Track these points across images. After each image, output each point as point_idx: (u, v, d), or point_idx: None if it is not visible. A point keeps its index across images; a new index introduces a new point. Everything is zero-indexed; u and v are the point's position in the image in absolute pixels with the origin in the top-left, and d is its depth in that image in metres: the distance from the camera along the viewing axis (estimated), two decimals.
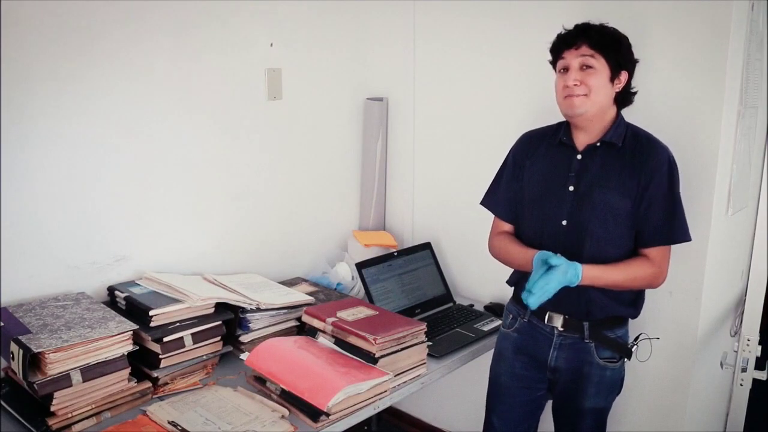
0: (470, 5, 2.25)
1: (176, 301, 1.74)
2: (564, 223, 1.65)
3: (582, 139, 1.67)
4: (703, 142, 1.79)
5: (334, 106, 2.46)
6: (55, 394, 1.44)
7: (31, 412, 1.48)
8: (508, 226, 1.82)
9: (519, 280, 1.77)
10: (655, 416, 1.99)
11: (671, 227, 1.61)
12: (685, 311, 1.89)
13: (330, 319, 1.79)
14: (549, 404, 1.84)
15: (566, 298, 1.59)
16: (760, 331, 1.97)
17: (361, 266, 2.19)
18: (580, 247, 1.63)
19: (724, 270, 2.00)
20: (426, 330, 1.80)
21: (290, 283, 2.22)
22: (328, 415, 1.52)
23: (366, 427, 2.57)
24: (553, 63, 1.67)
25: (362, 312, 1.86)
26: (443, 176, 2.47)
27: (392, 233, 2.60)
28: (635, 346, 1.72)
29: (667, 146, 1.63)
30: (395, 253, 2.31)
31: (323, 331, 1.81)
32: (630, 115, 1.90)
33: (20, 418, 1.48)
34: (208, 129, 2.08)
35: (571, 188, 1.64)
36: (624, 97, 1.67)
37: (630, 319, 1.73)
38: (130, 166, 1.91)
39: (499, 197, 1.82)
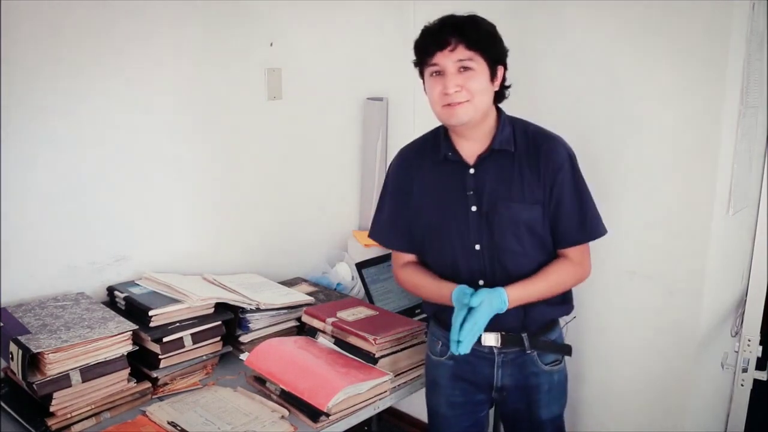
0: (470, 5, 2.24)
1: (176, 301, 1.74)
2: (477, 247, 1.50)
3: (468, 150, 1.51)
4: (704, 142, 1.79)
5: (334, 106, 2.46)
6: (55, 395, 1.44)
7: (30, 413, 1.47)
8: (410, 256, 1.64)
9: (438, 309, 1.60)
10: (655, 416, 1.99)
11: (584, 224, 1.51)
12: (685, 311, 1.89)
13: (330, 319, 1.79)
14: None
15: (499, 316, 1.48)
16: (761, 332, 1.96)
17: (361, 266, 2.19)
18: (501, 268, 1.50)
19: (725, 270, 2.00)
20: (426, 330, 1.80)
21: (290, 283, 2.22)
22: (328, 415, 1.52)
23: (366, 427, 2.57)
24: (419, 63, 1.48)
25: (362, 312, 1.86)
26: None
27: None
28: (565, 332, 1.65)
29: (560, 137, 1.52)
30: None
31: (323, 331, 1.81)
32: (630, 114, 1.90)
33: (20, 419, 1.48)
34: (208, 129, 2.07)
35: (473, 208, 1.49)
36: (500, 93, 1.51)
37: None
38: (130, 165, 1.91)
39: (391, 228, 1.63)
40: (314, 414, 1.53)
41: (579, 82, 1.99)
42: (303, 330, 1.89)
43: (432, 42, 1.43)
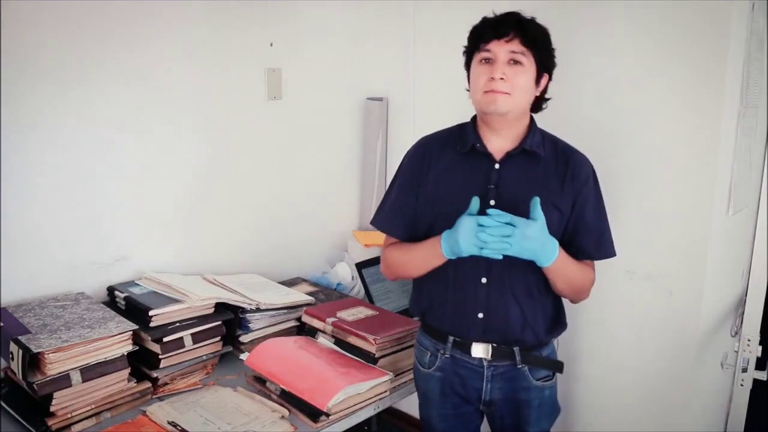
0: (470, 5, 2.24)
1: (176, 301, 1.74)
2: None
3: (497, 145, 1.49)
4: (703, 142, 1.79)
5: (334, 106, 2.46)
6: (55, 395, 1.44)
7: (30, 413, 1.47)
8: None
9: (429, 306, 1.56)
10: (655, 416, 1.99)
11: (600, 243, 1.52)
12: (685, 311, 1.89)
13: (330, 319, 1.79)
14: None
15: (494, 323, 1.48)
16: (761, 332, 1.96)
17: (361, 266, 2.19)
18: (507, 265, 1.44)
19: (725, 270, 2.00)
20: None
21: (290, 283, 2.22)
22: (328, 415, 1.52)
23: (366, 427, 2.57)
24: (470, 50, 1.48)
25: (362, 312, 1.86)
26: None
27: None
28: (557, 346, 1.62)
29: (585, 155, 1.53)
30: None
31: (323, 331, 1.81)
32: (630, 114, 1.90)
33: (20, 419, 1.48)
34: (208, 129, 2.08)
35: (492, 202, 1.45)
36: (538, 103, 1.51)
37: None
38: (130, 165, 1.91)
39: (395, 216, 1.57)
40: (314, 414, 1.53)
41: (578, 82, 1.99)
42: (303, 330, 1.89)
43: (491, 29, 1.43)
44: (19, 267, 1.71)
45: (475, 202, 1.40)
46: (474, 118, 1.55)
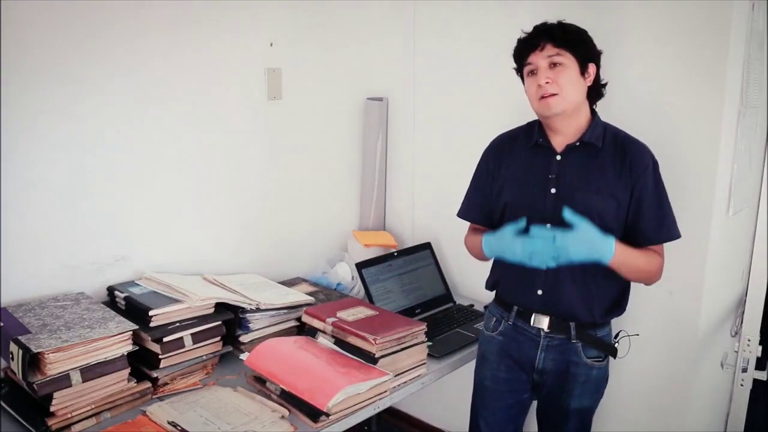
0: (470, 5, 2.25)
1: (176, 301, 1.74)
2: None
3: (559, 141, 1.63)
4: (703, 142, 1.79)
5: (334, 106, 2.46)
6: (55, 395, 1.44)
7: (30, 413, 1.47)
8: (482, 229, 1.77)
9: (497, 281, 1.76)
10: (655, 416, 1.99)
11: (663, 225, 1.60)
12: (685, 311, 1.89)
13: (330, 319, 1.79)
14: (534, 406, 1.83)
15: (552, 300, 1.62)
16: (761, 332, 1.97)
17: (361, 266, 2.19)
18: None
19: (725, 270, 2.00)
20: (426, 330, 1.80)
21: (290, 283, 2.22)
22: (328, 415, 1.52)
23: (366, 427, 2.57)
24: (519, 69, 1.64)
25: (362, 312, 1.86)
26: (443, 176, 2.46)
27: (392, 233, 2.60)
28: (617, 344, 1.71)
29: (646, 145, 1.61)
30: (395, 253, 2.31)
31: (323, 331, 1.81)
32: (630, 114, 1.90)
33: (20, 419, 1.48)
34: (208, 129, 2.07)
35: (552, 191, 1.60)
36: (596, 91, 1.64)
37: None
38: (130, 165, 1.91)
39: (470, 204, 1.80)
40: (314, 414, 1.53)
41: None
42: (303, 330, 1.89)
43: (526, 45, 1.59)
44: (19, 267, 1.71)
45: (521, 221, 1.57)
46: None
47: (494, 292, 1.80)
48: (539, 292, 1.64)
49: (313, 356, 1.68)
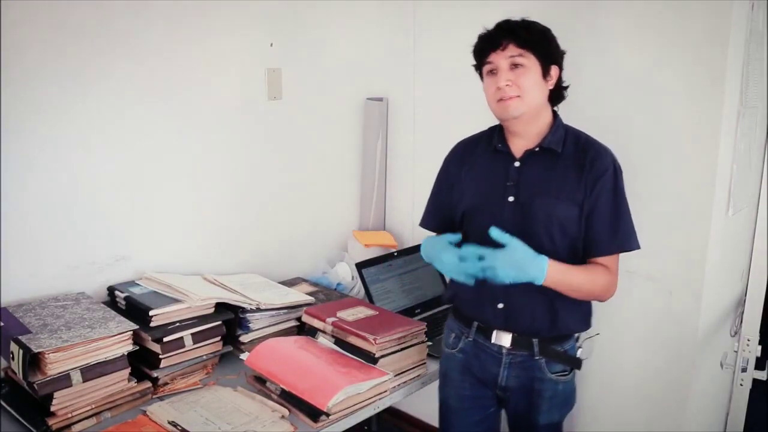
0: (470, 5, 2.25)
1: (176, 301, 1.74)
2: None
3: (519, 145, 1.56)
4: (703, 142, 1.79)
5: (334, 106, 2.46)
6: (55, 394, 1.44)
7: (31, 412, 1.47)
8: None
9: (455, 294, 1.67)
10: (654, 416, 1.99)
11: (616, 234, 1.51)
12: (684, 311, 1.89)
13: (330, 319, 1.79)
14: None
15: (529, 315, 1.54)
16: (760, 332, 1.97)
17: (361, 266, 2.19)
18: None
19: (724, 270, 2.00)
20: (426, 330, 1.80)
21: (290, 283, 2.22)
22: (328, 415, 1.52)
23: (366, 427, 2.57)
24: (478, 66, 1.56)
25: (362, 312, 1.86)
26: None
27: (392, 233, 2.60)
28: (580, 349, 1.65)
29: (609, 149, 1.55)
30: (395, 253, 2.31)
31: (323, 331, 1.81)
32: (630, 114, 1.90)
33: (20, 418, 1.48)
34: (208, 129, 2.08)
35: (510, 198, 1.53)
36: (557, 94, 1.57)
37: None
38: (130, 165, 1.91)
39: (429, 212, 1.74)
40: (314, 414, 1.53)
41: (577, 82, 1.98)
42: (303, 330, 1.89)
43: (487, 43, 1.52)
44: (19, 267, 1.71)
45: (453, 237, 1.54)
46: None
47: (452, 305, 1.72)
48: (500, 305, 1.56)
49: (313, 356, 1.68)
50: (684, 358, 1.91)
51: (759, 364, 1.97)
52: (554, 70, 1.53)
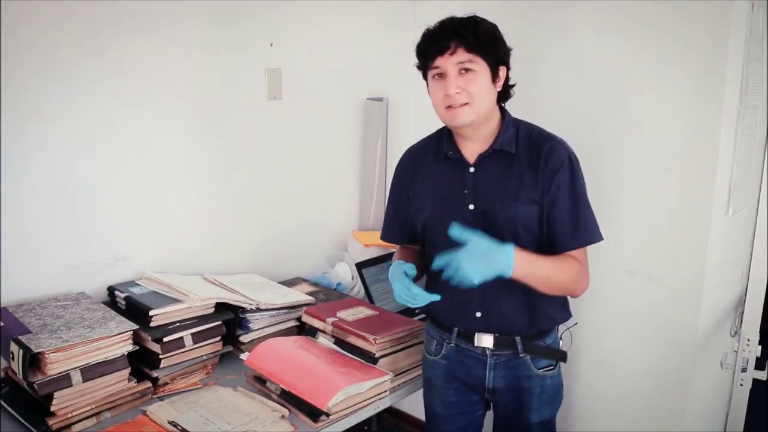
0: (470, 5, 2.24)
1: (176, 301, 1.74)
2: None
3: (470, 149, 1.51)
4: (703, 142, 1.79)
5: (334, 106, 2.46)
6: (55, 394, 1.44)
7: (31, 412, 1.47)
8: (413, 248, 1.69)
9: (432, 305, 1.57)
10: (655, 416, 1.99)
11: (578, 229, 1.47)
12: (685, 311, 1.89)
13: (330, 319, 1.80)
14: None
15: (505, 315, 1.52)
16: (760, 332, 1.97)
17: (361, 266, 2.19)
18: None
19: (724, 270, 2.00)
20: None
21: (290, 283, 2.22)
22: (328, 415, 1.52)
23: (366, 427, 2.57)
24: (422, 67, 1.49)
25: (362, 312, 1.86)
26: None
27: None
28: (561, 341, 1.65)
29: (564, 141, 1.50)
30: None
31: (323, 331, 1.81)
32: (630, 114, 1.90)
33: (20, 418, 1.48)
34: (208, 129, 2.08)
35: (471, 207, 1.49)
36: (504, 93, 1.51)
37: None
38: (130, 165, 1.91)
39: (392, 224, 1.69)
40: (314, 414, 1.53)
41: (578, 82, 1.99)
42: (303, 330, 1.89)
43: (432, 46, 1.43)
44: (19, 267, 1.71)
45: (410, 269, 1.52)
46: None
47: (430, 313, 1.69)
48: (478, 314, 1.54)
49: (313, 356, 1.68)
50: (684, 358, 1.91)
51: (759, 364, 1.97)
52: (502, 71, 1.48)
